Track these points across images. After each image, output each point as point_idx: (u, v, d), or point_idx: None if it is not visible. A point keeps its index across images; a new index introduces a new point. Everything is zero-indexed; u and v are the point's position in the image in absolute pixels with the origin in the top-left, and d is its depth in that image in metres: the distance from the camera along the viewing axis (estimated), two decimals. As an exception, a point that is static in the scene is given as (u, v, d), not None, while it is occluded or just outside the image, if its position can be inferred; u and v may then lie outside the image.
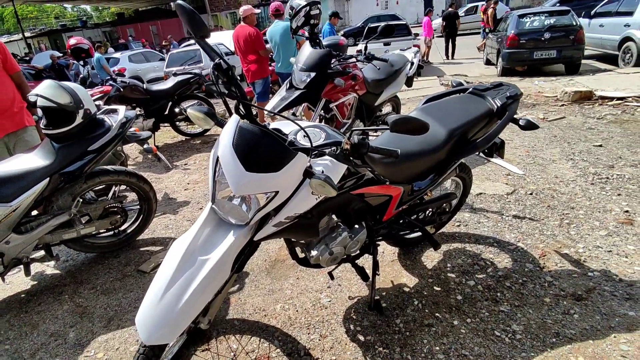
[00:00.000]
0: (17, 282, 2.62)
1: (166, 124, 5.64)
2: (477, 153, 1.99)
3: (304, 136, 1.40)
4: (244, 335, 1.96)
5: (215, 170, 1.35)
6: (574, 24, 7.75)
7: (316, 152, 1.37)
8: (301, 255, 1.88)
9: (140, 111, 5.20)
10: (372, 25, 10.89)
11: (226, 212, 1.39)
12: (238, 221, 1.38)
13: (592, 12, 9.30)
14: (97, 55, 9.96)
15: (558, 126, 4.74)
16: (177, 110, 5.49)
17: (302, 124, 1.41)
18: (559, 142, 4.17)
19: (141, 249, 2.83)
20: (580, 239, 2.44)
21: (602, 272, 2.12)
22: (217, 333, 1.99)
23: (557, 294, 2.00)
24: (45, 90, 2.15)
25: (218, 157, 1.31)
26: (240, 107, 1.35)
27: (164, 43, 17.18)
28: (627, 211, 2.67)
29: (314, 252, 1.71)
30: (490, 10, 11.41)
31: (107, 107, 2.65)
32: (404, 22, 10.69)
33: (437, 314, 1.96)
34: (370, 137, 3.92)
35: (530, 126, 1.91)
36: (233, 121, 1.34)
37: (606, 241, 2.37)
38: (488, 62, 9.87)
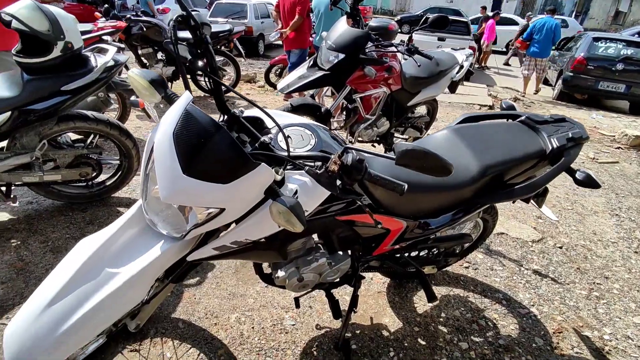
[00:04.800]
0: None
1: (188, 75, 5.32)
2: (513, 202, 1.57)
3: (288, 137, 1.03)
4: (184, 342, 1.67)
5: (149, 160, 1.00)
6: (654, 60, 6.90)
7: (292, 164, 1.01)
8: (267, 270, 1.55)
9: (162, 57, 4.88)
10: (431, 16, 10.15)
11: (157, 217, 1.04)
12: (171, 232, 1.04)
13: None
14: (143, -11, 9.64)
15: (608, 171, 4.17)
16: (200, 63, 5.13)
17: (283, 121, 1.04)
18: (606, 190, 3.64)
19: (113, 208, 2.56)
20: (609, 321, 2.01)
21: (629, 375, 1.71)
22: (155, 332, 1.70)
23: (565, 391, 1.61)
24: (20, 11, 1.83)
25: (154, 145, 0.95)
26: (205, 81, 0.98)
27: None
28: (673, 299, 2.21)
29: (280, 273, 1.38)
30: None
31: (102, 44, 2.32)
32: (465, 20, 9.88)
33: (412, 378, 1.61)
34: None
35: (589, 183, 1.46)
36: (182, 101, 0.97)
37: (639, 332, 1.95)
38: (545, 81, 9.04)
